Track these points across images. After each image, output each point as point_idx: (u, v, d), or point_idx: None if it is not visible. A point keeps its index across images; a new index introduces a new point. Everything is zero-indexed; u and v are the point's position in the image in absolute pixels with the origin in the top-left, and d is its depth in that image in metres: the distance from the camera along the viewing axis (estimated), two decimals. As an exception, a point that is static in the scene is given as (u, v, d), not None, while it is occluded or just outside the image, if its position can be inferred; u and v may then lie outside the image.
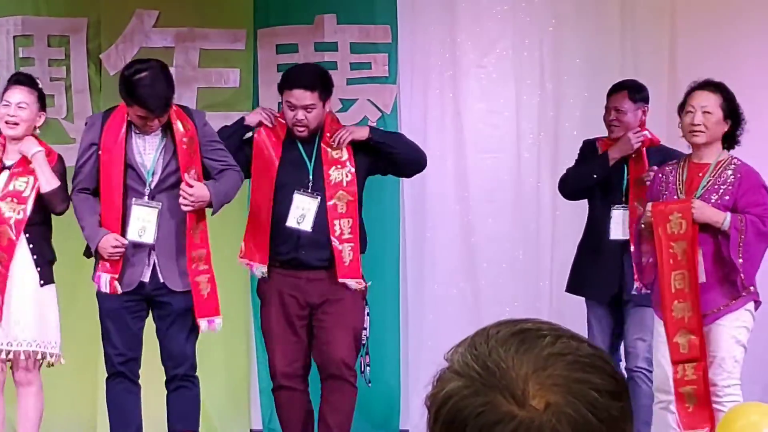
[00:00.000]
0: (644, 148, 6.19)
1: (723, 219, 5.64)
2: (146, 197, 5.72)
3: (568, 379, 1.24)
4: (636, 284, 6.05)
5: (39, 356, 5.95)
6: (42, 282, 5.81)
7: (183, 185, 5.84)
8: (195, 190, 5.85)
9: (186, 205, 5.80)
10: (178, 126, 5.72)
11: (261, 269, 5.98)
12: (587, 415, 1.22)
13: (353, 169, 5.91)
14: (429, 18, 7.33)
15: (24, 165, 5.91)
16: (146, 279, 5.72)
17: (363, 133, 5.97)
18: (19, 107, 5.75)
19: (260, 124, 6.06)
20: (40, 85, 6.20)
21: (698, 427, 5.73)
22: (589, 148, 6.47)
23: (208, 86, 7.07)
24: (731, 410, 5.52)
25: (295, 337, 5.98)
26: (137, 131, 5.79)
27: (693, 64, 6.69)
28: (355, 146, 5.94)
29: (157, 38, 7.23)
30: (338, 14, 7.12)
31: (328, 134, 6.00)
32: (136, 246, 5.70)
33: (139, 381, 5.90)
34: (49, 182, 5.81)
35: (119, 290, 5.72)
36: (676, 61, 7.04)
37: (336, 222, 5.85)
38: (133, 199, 5.73)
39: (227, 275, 6.31)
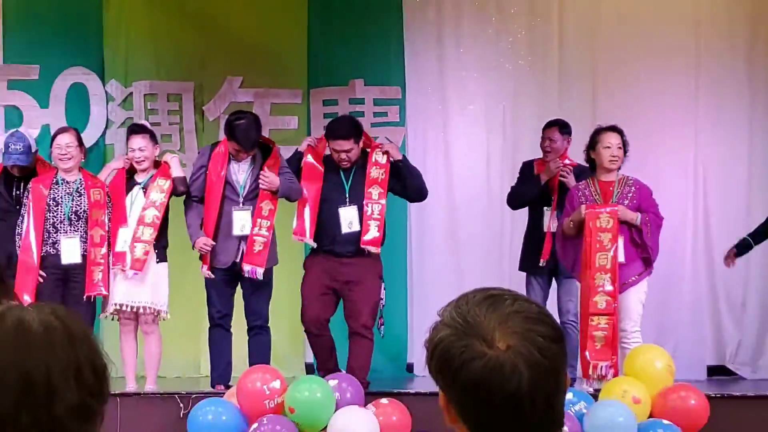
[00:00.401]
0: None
1: (636, 218, 6.79)
2: (241, 204, 6.98)
3: (522, 329, 1.48)
4: (542, 261, 7.23)
5: (155, 312, 7.12)
6: (158, 260, 7.05)
7: (262, 172, 6.82)
8: (271, 177, 6.84)
9: (263, 184, 6.81)
10: (261, 156, 6.95)
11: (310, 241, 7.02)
12: (536, 354, 1.46)
13: (384, 191, 6.97)
14: (427, 81, 8.82)
15: (152, 183, 7.00)
16: (237, 260, 6.93)
17: (399, 155, 7.14)
18: (141, 150, 7.02)
19: (307, 146, 7.10)
20: (150, 127, 7.36)
21: (604, 359, 6.85)
22: (527, 168, 7.60)
23: (276, 128, 8.47)
24: (634, 349, 6.76)
25: (322, 300, 7.08)
26: (234, 158, 6.97)
27: (608, 117, 7.67)
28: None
29: (242, 96, 8.64)
30: (365, 79, 8.67)
31: (367, 150, 7.03)
32: (234, 238, 6.95)
33: (231, 330, 7.17)
34: (179, 171, 7.01)
35: (212, 276, 6.92)
36: (596, 116, 8.27)
37: (369, 222, 7.02)
38: (233, 206, 6.93)
39: (288, 253, 7.47)
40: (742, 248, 7.82)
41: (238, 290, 7.24)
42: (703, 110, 8.73)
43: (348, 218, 7.10)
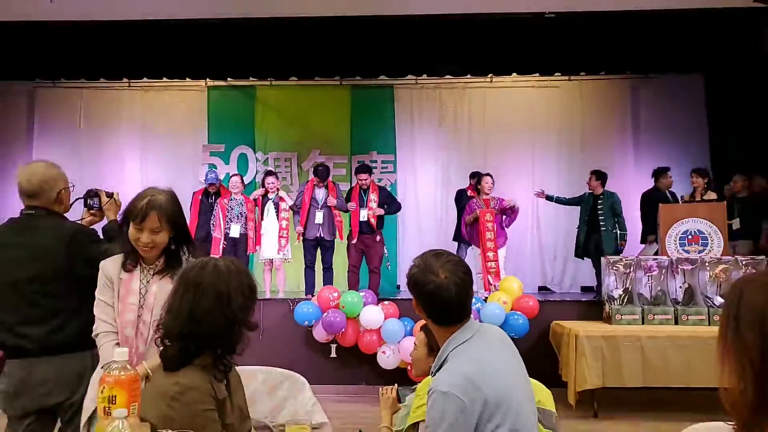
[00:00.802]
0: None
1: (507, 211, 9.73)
2: (319, 208, 9.70)
3: (453, 269, 2.54)
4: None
5: (283, 261, 9.74)
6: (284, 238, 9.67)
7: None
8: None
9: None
10: (328, 191, 9.68)
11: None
12: (458, 279, 2.50)
13: (377, 201, 9.48)
14: (407, 150, 12.57)
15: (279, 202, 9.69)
16: (320, 235, 9.47)
17: (381, 213, 9.30)
18: (272, 184, 9.68)
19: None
20: (275, 172, 10.38)
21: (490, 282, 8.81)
22: (459, 194, 10.32)
23: (334, 174, 11.92)
24: (505, 278, 8.86)
25: (358, 255, 9.71)
26: (316, 186, 9.65)
27: (491, 169, 11.04)
28: (380, 196, 9.40)
29: (319, 158, 12.19)
30: (377, 149, 12.56)
31: (372, 187, 9.40)
32: (316, 225, 9.57)
33: (314, 269, 9.78)
34: (289, 200, 9.61)
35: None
36: (486, 167, 11.28)
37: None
38: (315, 209, 9.66)
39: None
40: (549, 196, 10.41)
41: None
42: (537, 161, 12.73)
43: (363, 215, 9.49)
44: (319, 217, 9.85)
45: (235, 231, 9.94)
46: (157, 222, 3.53)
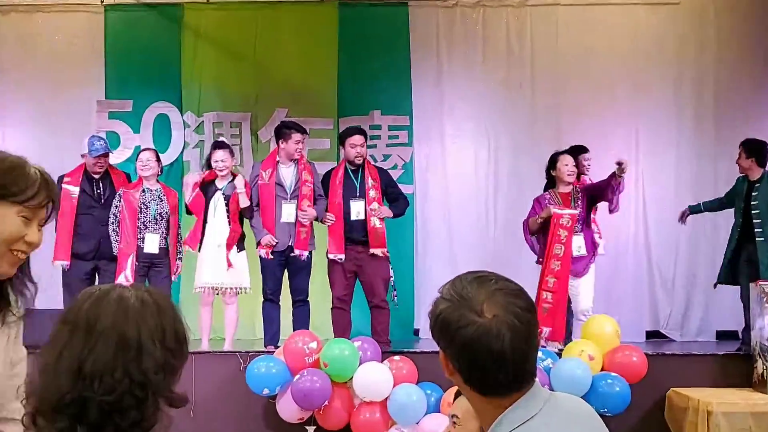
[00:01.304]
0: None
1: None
2: (288, 200, 7.40)
3: (504, 302, 1.66)
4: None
5: (237, 290, 7.50)
6: (238, 250, 7.48)
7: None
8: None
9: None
10: (301, 166, 7.41)
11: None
12: (515, 321, 1.64)
13: (378, 191, 7.44)
14: (429, 111, 9.43)
15: (229, 193, 7.28)
16: (292, 243, 7.31)
17: (389, 215, 7.46)
18: (222, 161, 7.43)
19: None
20: (228, 143, 7.86)
21: (546, 325, 7.03)
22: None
23: (313, 148, 9.04)
24: (590, 318, 7.09)
25: (347, 280, 7.42)
26: (282, 164, 7.27)
27: (569, 141, 8.29)
28: (381, 183, 7.39)
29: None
30: (381, 109, 9.42)
31: (367, 166, 7.40)
32: (284, 225, 7.28)
33: (279, 303, 7.53)
34: (245, 203, 7.34)
35: (271, 257, 7.26)
36: (561, 139, 8.64)
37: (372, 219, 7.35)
38: (283, 201, 7.35)
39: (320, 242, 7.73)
40: (693, 207, 8.13)
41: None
42: (643, 128, 9.44)
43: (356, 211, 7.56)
44: (288, 212, 7.38)
45: (152, 244, 7.44)
46: None
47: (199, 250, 7.50)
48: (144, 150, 7.79)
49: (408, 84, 9.40)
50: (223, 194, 7.41)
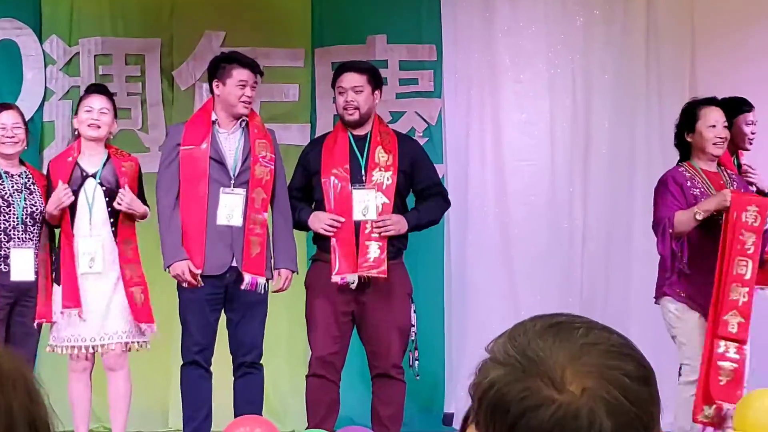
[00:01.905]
0: None
1: None
2: (231, 188, 6.06)
3: (601, 366, 1.29)
4: None
5: (125, 345, 6.30)
6: None
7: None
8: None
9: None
10: (255, 123, 6.04)
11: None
12: (620, 398, 1.28)
13: (394, 176, 6.10)
14: (470, 37, 7.67)
15: (111, 179, 6.13)
16: (235, 263, 5.98)
17: (403, 229, 6.20)
18: (101, 113, 6.06)
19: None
20: (114, 96, 6.52)
21: (729, 400, 5.93)
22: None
23: (270, 100, 7.43)
24: (749, 395, 5.78)
25: (339, 331, 6.23)
26: (220, 126, 6.07)
27: (711, 83, 6.92)
28: (400, 168, 6.12)
29: None
30: (388, 35, 7.53)
31: (376, 133, 6.19)
32: (222, 232, 6.02)
33: (211, 369, 6.17)
34: (142, 209, 6.20)
35: (201, 284, 5.96)
36: (696, 80, 7.35)
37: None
38: (221, 190, 6.07)
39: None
40: None
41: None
42: None
43: (362, 201, 6.48)
44: (229, 208, 6.24)
45: (21, 264, 6.46)
46: None
47: (56, 281, 6.40)
48: (4, 109, 6.57)
49: (434, -8, 8.12)
50: (99, 183, 6.33)
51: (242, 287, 6.03)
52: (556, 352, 1.29)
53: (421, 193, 6.27)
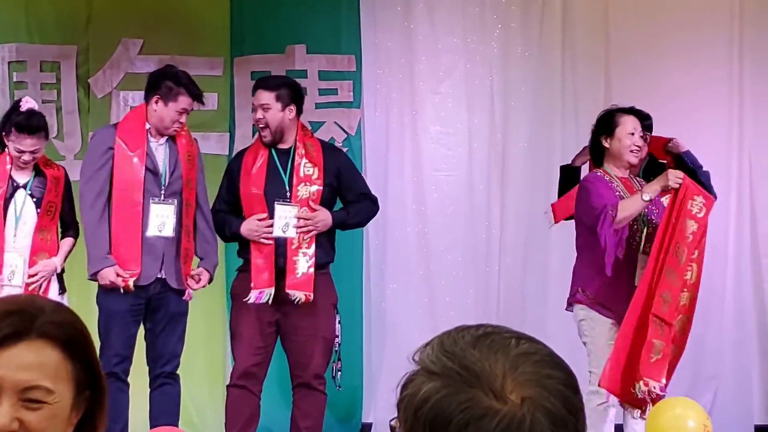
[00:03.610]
0: None
1: None
2: (161, 198, 6.10)
3: (538, 375, 1.31)
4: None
5: None
6: (60, 291, 6.17)
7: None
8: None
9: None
10: (183, 134, 6.09)
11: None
12: (559, 407, 1.30)
13: (320, 189, 6.15)
14: (390, 48, 7.74)
15: (42, 188, 6.15)
16: (162, 275, 6.00)
17: (328, 224, 6.26)
18: (33, 153, 6.03)
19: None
20: (48, 124, 6.42)
21: (655, 379, 5.96)
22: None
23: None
24: (660, 403, 5.86)
25: (263, 341, 6.23)
26: (152, 139, 6.09)
27: (625, 95, 6.94)
28: (326, 182, 6.19)
29: (142, 65, 7.61)
30: (307, 45, 7.58)
31: (300, 146, 6.24)
32: (152, 243, 6.02)
33: (128, 381, 6.20)
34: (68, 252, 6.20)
35: (132, 289, 5.99)
36: (612, 92, 7.46)
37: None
38: (152, 200, 6.08)
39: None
40: None
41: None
42: (749, 91, 7.81)
43: (284, 217, 6.54)
44: (160, 219, 6.29)
45: None
46: None
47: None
48: None
49: (354, 2, 7.97)
50: (29, 194, 6.37)
51: (184, 298, 6.07)
52: (493, 363, 1.29)
53: (348, 193, 6.33)
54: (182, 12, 7.80)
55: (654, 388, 5.93)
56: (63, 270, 6.29)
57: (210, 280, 6.27)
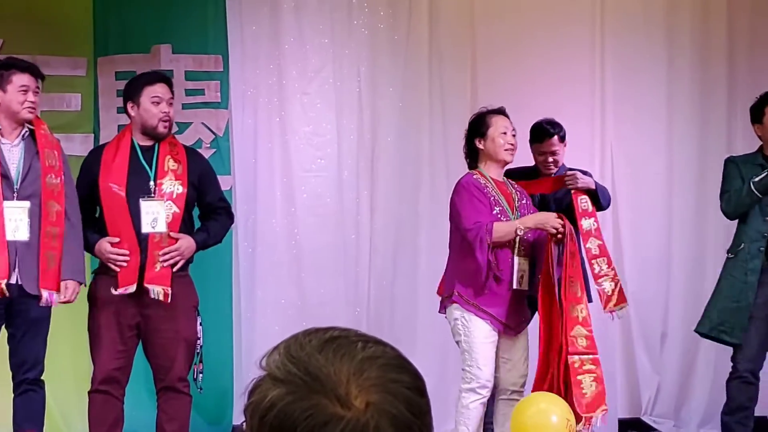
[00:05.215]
0: None
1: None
2: (14, 199, 5.94)
3: (383, 379, 1.31)
4: None
5: None
6: None
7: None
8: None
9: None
10: (42, 133, 5.93)
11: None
12: (403, 411, 1.31)
13: (185, 186, 6.10)
14: (257, 48, 7.71)
15: None
16: (13, 281, 5.81)
17: (191, 252, 6.20)
18: None
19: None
20: None
21: (600, 405, 6.11)
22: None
23: (51, 110, 7.15)
24: (524, 399, 6.00)
25: (123, 345, 6.17)
26: (3, 140, 5.93)
27: (491, 97, 6.84)
28: (189, 180, 6.13)
29: None
30: (173, 44, 7.47)
31: (165, 142, 6.19)
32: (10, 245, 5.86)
33: None
34: None
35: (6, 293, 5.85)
36: (477, 94, 7.52)
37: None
38: (5, 201, 5.91)
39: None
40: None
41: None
42: (610, 88, 8.02)
43: (151, 213, 6.49)
44: (12, 219, 6.26)
45: None
46: None
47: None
48: None
49: (220, 1, 7.85)
50: None
51: (40, 304, 5.91)
52: (338, 368, 1.31)
53: (208, 207, 6.31)
54: (43, 10, 7.54)
55: (598, 418, 6.06)
56: None
57: (75, 292, 6.15)
